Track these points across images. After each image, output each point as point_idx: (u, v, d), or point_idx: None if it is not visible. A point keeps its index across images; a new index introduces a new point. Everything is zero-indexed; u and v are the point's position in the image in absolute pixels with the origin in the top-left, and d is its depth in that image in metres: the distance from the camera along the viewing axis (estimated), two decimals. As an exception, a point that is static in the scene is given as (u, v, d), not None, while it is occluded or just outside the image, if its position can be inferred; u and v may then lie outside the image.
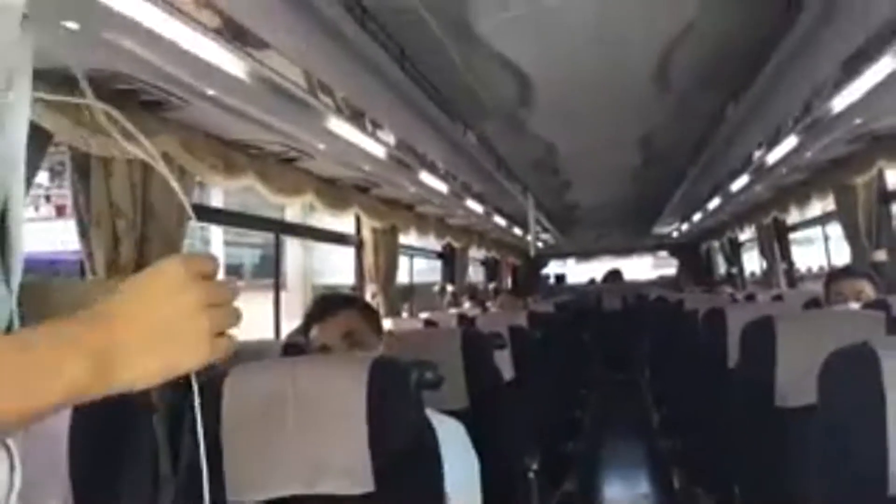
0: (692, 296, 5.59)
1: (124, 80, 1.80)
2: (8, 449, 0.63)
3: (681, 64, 3.38)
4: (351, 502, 1.33)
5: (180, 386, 0.72)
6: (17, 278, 0.67)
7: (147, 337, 0.63)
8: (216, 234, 11.71)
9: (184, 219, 2.21)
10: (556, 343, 4.64)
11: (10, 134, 0.65)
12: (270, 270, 4.09)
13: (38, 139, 1.78)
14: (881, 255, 3.88)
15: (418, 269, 6.89)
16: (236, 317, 0.68)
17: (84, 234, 2.06)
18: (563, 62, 3.29)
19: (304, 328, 1.76)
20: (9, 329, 0.64)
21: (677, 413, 3.97)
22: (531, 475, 2.35)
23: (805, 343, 1.95)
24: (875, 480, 1.17)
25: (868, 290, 2.74)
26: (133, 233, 2.07)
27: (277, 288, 3.62)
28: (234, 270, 12.41)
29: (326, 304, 1.79)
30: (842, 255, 5.40)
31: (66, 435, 1.44)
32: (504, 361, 2.91)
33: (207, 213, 3.09)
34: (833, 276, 3.04)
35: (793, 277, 6.09)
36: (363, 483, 1.32)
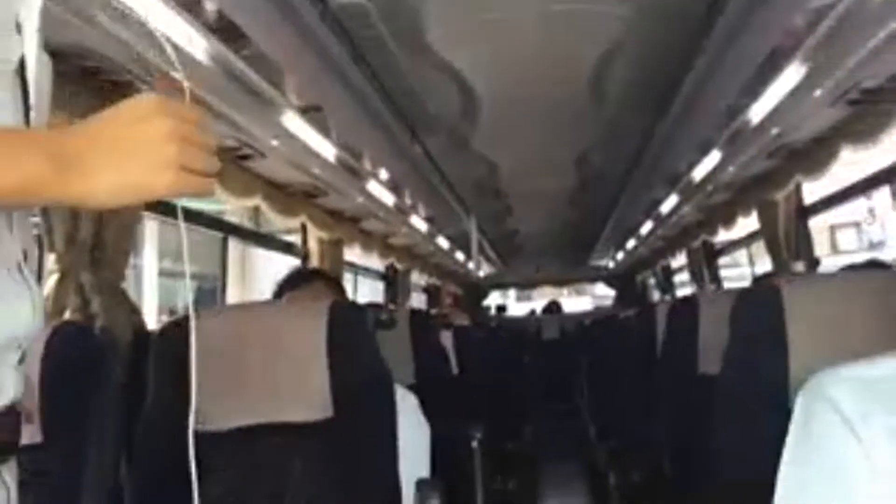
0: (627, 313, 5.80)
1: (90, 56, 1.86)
2: None
3: (613, 81, 3.58)
4: (312, 429, 1.42)
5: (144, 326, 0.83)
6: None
7: (106, 149, 0.69)
8: (152, 267, 11.35)
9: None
10: (498, 354, 4.78)
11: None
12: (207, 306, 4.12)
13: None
14: (800, 266, 4.16)
15: (361, 295, 6.95)
16: (213, 162, 0.75)
17: (44, 208, 2.11)
18: (505, 76, 3.46)
19: (276, 296, 1.91)
20: None
21: (612, 418, 4.12)
22: (475, 443, 2.47)
23: (726, 317, 2.14)
24: (779, 392, 1.33)
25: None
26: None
27: (224, 288, 3.69)
28: (166, 309, 11.86)
29: (302, 274, 2.02)
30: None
31: (38, 376, 1.50)
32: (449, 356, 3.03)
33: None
34: (757, 280, 3.31)
35: (720, 295, 6.34)
36: (323, 409, 1.43)
